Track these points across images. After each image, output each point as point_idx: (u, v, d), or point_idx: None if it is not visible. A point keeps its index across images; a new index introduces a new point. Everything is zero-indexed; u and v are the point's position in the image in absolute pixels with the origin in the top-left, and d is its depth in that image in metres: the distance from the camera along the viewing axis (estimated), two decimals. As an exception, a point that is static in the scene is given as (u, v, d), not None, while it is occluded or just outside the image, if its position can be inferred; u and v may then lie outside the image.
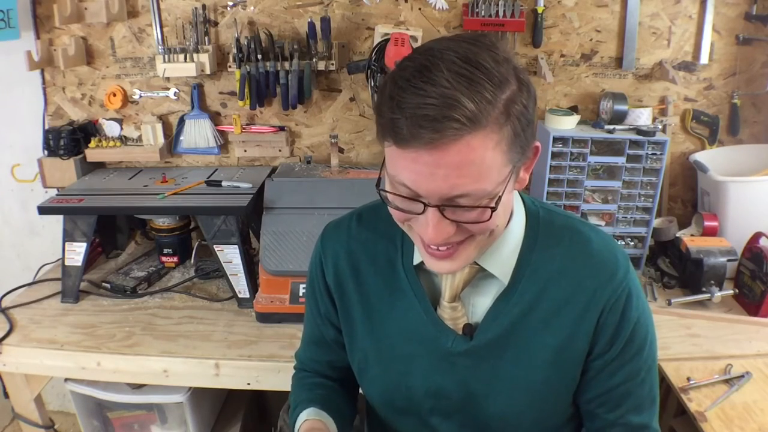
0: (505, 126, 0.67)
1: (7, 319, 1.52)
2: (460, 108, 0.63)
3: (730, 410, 1.15)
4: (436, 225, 0.69)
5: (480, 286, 0.85)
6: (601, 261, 0.83)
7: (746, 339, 1.39)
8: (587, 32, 1.72)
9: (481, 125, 0.64)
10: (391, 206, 0.74)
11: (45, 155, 1.83)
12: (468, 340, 0.85)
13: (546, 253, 0.84)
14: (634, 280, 0.84)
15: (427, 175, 0.66)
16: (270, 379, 1.38)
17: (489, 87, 0.65)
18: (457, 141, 0.64)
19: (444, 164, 0.65)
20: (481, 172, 0.66)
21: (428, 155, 0.65)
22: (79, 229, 1.60)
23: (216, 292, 1.68)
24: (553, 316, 0.83)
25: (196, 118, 1.84)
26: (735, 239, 1.55)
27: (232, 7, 1.73)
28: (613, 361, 0.84)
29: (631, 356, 0.84)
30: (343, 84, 1.81)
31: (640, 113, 1.69)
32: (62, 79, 1.85)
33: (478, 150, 0.65)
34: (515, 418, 0.88)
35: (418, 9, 1.71)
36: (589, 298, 0.82)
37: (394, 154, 0.68)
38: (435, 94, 0.63)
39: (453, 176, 0.66)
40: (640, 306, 0.84)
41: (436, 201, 0.68)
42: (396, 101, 0.65)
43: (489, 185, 0.68)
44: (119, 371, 1.41)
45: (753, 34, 1.69)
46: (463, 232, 0.73)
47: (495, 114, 0.65)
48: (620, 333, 0.83)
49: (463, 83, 0.64)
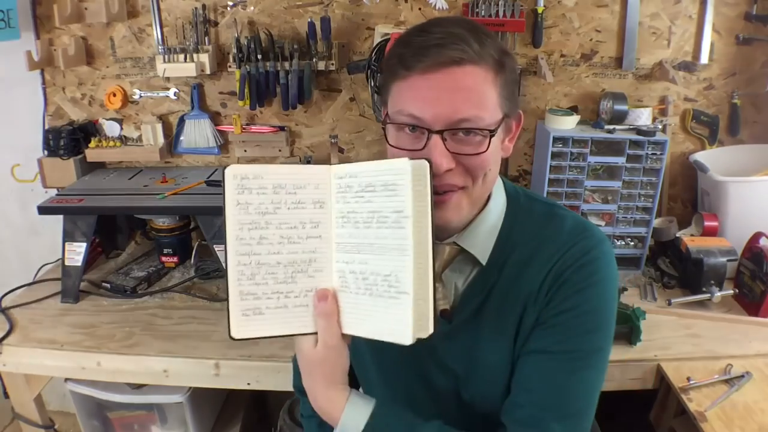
0: (499, 73, 0.75)
1: (7, 319, 1.52)
2: (466, 40, 0.72)
3: (730, 410, 1.15)
4: (439, 152, 0.73)
5: (460, 270, 0.86)
6: (569, 234, 0.83)
7: (746, 339, 1.39)
8: (587, 32, 1.72)
9: (482, 60, 0.73)
10: (395, 146, 0.78)
11: (45, 155, 1.83)
12: (447, 323, 0.86)
13: (524, 236, 0.85)
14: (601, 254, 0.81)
15: (432, 99, 0.73)
16: (270, 379, 1.38)
17: (488, 40, 0.75)
18: (461, 66, 0.72)
19: (447, 87, 0.72)
20: (481, 100, 0.74)
21: (433, 76, 0.72)
22: (79, 229, 1.60)
23: (216, 292, 1.68)
24: (524, 295, 0.82)
25: (196, 118, 1.84)
26: (735, 239, 1.55)
27: (232, 7, 1.73)
28: (554, 316, 0.79)
29: (571, 325, 0.79)
30: (343, 84, 1.81)
31: (640, 113, 1.69)
32: (62, 79, 1.85)
33: (477, 79, 0.73)
34: (498, 398, 0.87)
35: (418, 9, 1.71)
36: (552, 264, 0.81)
37: (401, 86, 0.75)
38: (441, 32, 0.72)
39: (456, 100, 0.72)
40: (600, 279, 0.80)
41: (440, 125, 0.73)
42: (404, 42, 0.75)
43: (487, 115, 0.74)
44: (119, 371, 1.41)
45: (753, 34, 1.69)
46: (461, 172, 0.76)
47: (492, 60, 0.74)
48: (567, 284, 0.79)
49: (467, 29, 0.73)
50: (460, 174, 0.77)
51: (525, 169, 1.88)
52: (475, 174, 0.77)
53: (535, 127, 1.79)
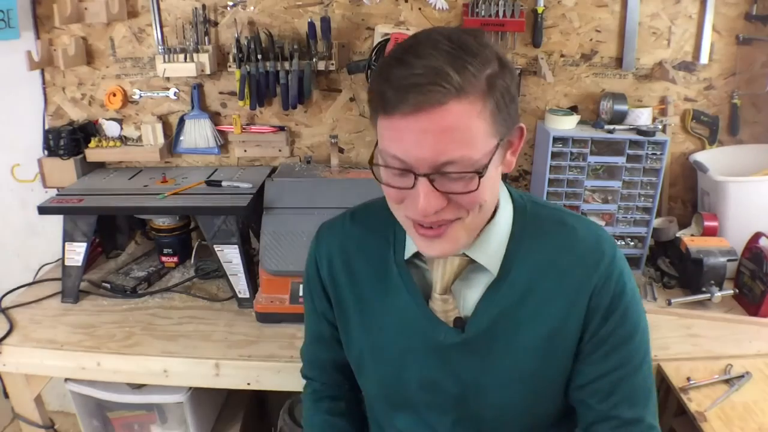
0: (488, 98, 0.69)
1: (7, 319, 1.52)
2: (445, 76, 0.66)
3: (730, 410, 1.15)
4: (426, 195, 0.71)
5: (470, 279, 0.86)
6: (586, 249, 0.84)
7: (746, 339, 1.39)
8: (587, 32, 1.72)
9: (465, 93, 0.67)
10: (384, 184, 0.76)
11: (45, 155, 1.83)
12: (460, 333, 0.86)
13: (533, 245, 0.85)
14: (622, 264, 0.85)
15: (415, 143, 0.69)
16: (270, 379, 1.38)
17: (473, 62, 0.68)
18: (443, 106, 0.67)
19: (431, 130, 0.67)
20: (467, 138, 0.69)
21: (415, 121, 0.67)
22: (79, 229, 1.60)
23: (216, 292, 1.68)
24: (542, 306, 0.84)
25: (196, 118, 1.84)
26: (735, 239, 1.55)
27: (232, 7, 1.73)
28: (605, 342, 0.84)
29: (623, 339, 0.84)
30: (343, 84, 1.81)
31: (640, 113, 1.69)
32: (62, 79, 1.85)
33: (462, 116, 0.68)
34: (509, 410, 0.88)
35: (418, 9, 1.71)
36: (578, 286, 0.83)
37: (384, 125, 0.71)
38: (420, 65, 0.67)
39: (440, 142, 0.68)
40: (630, 291, 0.85)
41: (425, 170, 0.70)
42: (384, 76, 0.69)
43: (475, 153, 0.70)
44: (119, 371, 1.41)
45: (753, 34, 1.69)
46: (452, 208, 0.74)
47: (478, 86, 0.68)
48: (612, 313, 0.83)
49: (448, 58, 0.67)
50: (453, 209, 0.75)
51: (525, 169, 1.88)
52: (468, 208, 0.75)
53: (535, 127, 1.79)
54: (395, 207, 0.79)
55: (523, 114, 1.80)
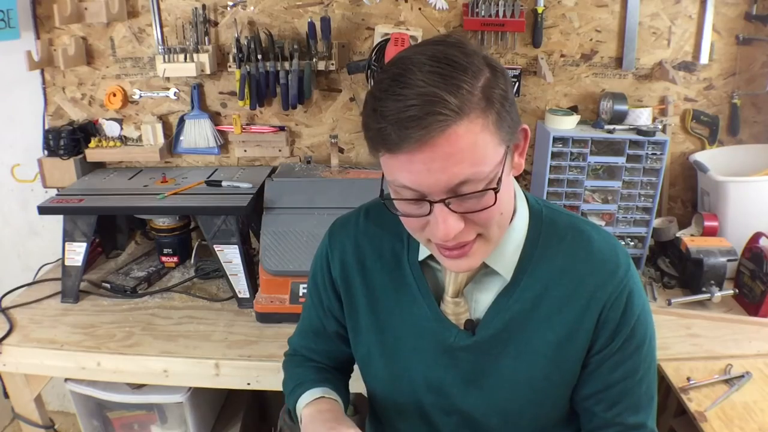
0: (488, 111, 0.68)
1: (7, 319, 1.52)
2: (441, 102, 0.64)
3: (730, 410, 1.15)
4: (445, 220, 0.70)
5: (483, 283, 0.86)
6: (601, 259, 0.84)
7: (746, 339, 1.39)
8: (587, 32, 1.72)
9: (464, 113, 0.65)
10: (401, 214, 0.75)
11: (45, 155, 1.83)
12: (470, 335, 0.86)
13: (548, 251, 0.85)
14: (635, 277, 0.85)
15: (424, 172, 0.67)
16: (270, 379, 1.38)
17: (464, 78, 0.66)
18: (444, 132, 0.65)
19: (437, 158, 0.66)
20: (475, 155, 0.67)
21: (420, 154, 0.66)
22: (79, 229, 1.60)
23: (216, 292, 1.68)
24: (554, 313, 0.84)
25: (196, 118, 1.84)
26: (735, 239, 1.55)
27: (232, 7, 1.73)
28: (612, 356, 0.84)
29: (631, 352, 0.85)
30: (343, 84, 1.81)
31: (640, 113, 1.69)
32: (62, 79, 1.85)
33: (466, 136, 0.66)
34: (515, 414, 0.88)
35: (418, 9, 1.71)
36: (590, 296, 0.82)
37: (389, 161, 0.70)
38: (413, 95, 0.65)
39: (449, 166, 0.67)
40: (640, 303, 0.85)
41: (440, 195, 0.69)
42: (379, 112, 0.67)
43: (486, 167, 0.69)
44: (119, 371, 1.41)
45: (753, 34, 1.69)
46: (472, 227, 0.74)
47: (476, 102, 0.66)
48: (621, 329, 0.83)
49: (438, 80, 0.65)
50: (472, 228, 0.74)
51: (525, 169, 1.86)
52: (488, 225, 0.75)
53: (535, 127, 1.79)
54: (417, 234, 0.78)
55: (523, 114, 1.80)
